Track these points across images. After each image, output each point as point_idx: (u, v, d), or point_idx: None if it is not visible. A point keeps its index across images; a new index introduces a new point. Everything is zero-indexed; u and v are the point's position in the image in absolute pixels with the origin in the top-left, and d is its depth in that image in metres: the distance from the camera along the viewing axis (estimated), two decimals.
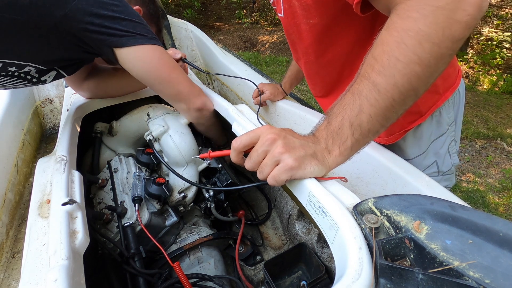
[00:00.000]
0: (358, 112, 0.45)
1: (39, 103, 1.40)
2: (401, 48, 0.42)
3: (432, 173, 0.86)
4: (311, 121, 1.00)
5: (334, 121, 0.48)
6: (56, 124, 1.43)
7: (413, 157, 0.85)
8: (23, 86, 0.77)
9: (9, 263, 0.75)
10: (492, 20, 4.62)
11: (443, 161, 0.85)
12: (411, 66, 0.42)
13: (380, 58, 0.44)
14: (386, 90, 0.44)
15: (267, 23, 5.81)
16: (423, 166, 0.85)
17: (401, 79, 0.43)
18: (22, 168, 1.00)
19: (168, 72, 0.78)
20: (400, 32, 0.42)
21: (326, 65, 0.82)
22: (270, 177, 0.47)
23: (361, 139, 0.47)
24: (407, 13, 0.42)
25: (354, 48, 0.74)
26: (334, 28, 0.71)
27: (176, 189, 0.87)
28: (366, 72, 0.45)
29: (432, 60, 0.42)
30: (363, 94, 0.45)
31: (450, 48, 0.42)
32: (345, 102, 0.47)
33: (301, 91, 3.59)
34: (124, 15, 0.69)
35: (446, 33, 0.40)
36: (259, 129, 0.49)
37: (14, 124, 1.10)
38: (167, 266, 0.77)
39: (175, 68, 0.81)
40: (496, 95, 3.67)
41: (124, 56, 0.71)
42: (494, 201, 2.17)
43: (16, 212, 0.87)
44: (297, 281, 0.74)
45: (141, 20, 0.73)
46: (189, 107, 0.85)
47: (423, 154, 0.84)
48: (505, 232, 0.35)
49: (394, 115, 0.46)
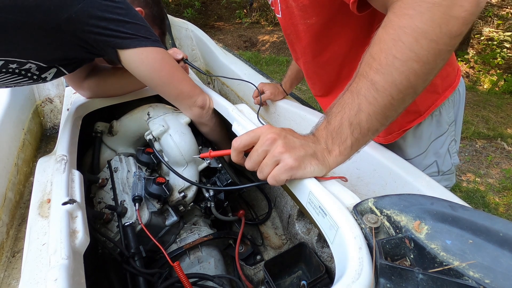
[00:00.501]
0: (357, 111, 0.45)
1: (39, 103, 1.40)
2: (398, 45, 0.42)
3: (432, 173, 0.86)
4: (311, 121, 1.00)
5: (334, 121, 0.48)
6: (56, 123, 1.43)
7: (413, 157, 0.85)
8: (23, 83, 0.78)
9: (10, 262, 0.75)
10: (492, 20, 4.62)
11: (443, 160, 0.85)
12: (409, 63, 0.42)
13: (377, 57, 0.44)
14: (384, 88, 0.43)
15: (267, 22, 5.81)
16: (423, 166, 0.85)
17: (399, 76, 0.43)
18: (22, 168, 1.00)
19: (170, 73, 0.80)
20: (396, 29, 0.42)
21: (325, 65, 0.82)
22: (270, 177, 0.47)
23: (361, 138, 0.47)
24: (403, 10, 0.42)
25: (352, 47, 0.74)
26: (332, 27, 0.71)
27: (176, 189, 0.87)
28: (364, 71, 0.45)
29: (430, 57, 0.42)
30: (362, 93, 0.45)
31: (448, 44, 0.41)
32: (344, 101, 0.47)
33: (301, 90, 3.59)
34: (128, 18, 0.70)
35: (443, 29, 0.40)
36: (260, 129, 0.49)
37: (14, 123, 1.10)
38: (167, 265, 0.77)
39: (177, 69, 0.82)
40: (496, 95, 3.67)
41: (127, 57, 0.73)
42: (494, 201, 2.17)
43: (16, 212, 0.87)
44: (297, 281, 0.74)
45: (145, 23, 0.74)
46: (190, 105, 0.87)
47: (423, 154, 0.84)
48: (505, 232, 0.35)
49: (393, 114, 0.46)
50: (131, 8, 0.73)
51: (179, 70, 0.83)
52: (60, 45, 0.69)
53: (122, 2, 0.70)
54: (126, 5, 0.71)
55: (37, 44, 0.67)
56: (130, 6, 0.73)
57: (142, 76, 0.78)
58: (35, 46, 0.67)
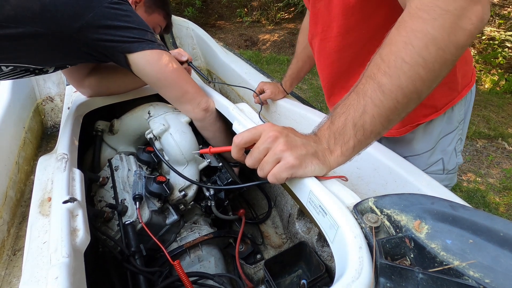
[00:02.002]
0: (362, 113, 0.45)
1: (40, 101, 1.40)
2: (408, 49, 0.42)
3: (437, 170, 0.85)
4: (312, 120, 1.00)
5: (337, 121, 0.48)
6: (57, 122, 1.44)
7: (420, 153, 0.84)
8: (25, 77, 0.80)
9: (10, 260, 0.75)
10: (494, 19, 4.60)
11: (449, 159, 0.84)
12: (416, 68, 0.42)
13: (387, 59, 0.44)
14: (390, 91, 0.44)
15: (268, 21, 5.79)
16: (429, 163, 0.84)
17: (406, 81, 0.43)
18: (23, 166, 1.00)
19: (175, 75, 0.83)
20: (408, 32, 0.43)
21: (344, 48, 0.78)
22: (271, 175, 0.47)
23: (363, 140, 0.47)
24: (418, 12, 0.43)
25: (376, 35, 0.70)
26: (367, 5, 0.68)
27: (176, 188, 0.87)
28: (372, 73, 0.46)
29: (436, 65, 0.42)
30: (368, 95, 0.45)
31: (454, 54, 0.42)
32: (349, 102, 0.47)
33: (302, 90, 3.59)
34: (135, 24, 0.75)
35: (451, 38, 0.41)
36: (261, 126, 0.49)
37: (15, 122, 1.10)
38: (167, 264, 0.77)
39: (181, 71, 0.85)
40: (497, 94, 3.66)
41: (136, 60, 0.76)
42: (494, 201, 2.17)
43: (17, 210, 0.87)
44: (297, 280, 0.74)
45: (149, 29, 0.79)
46: (194, 107, 0.88)
47: (430, 151, 0.83)
48: (505, 232, 0.35)
49: (396, 117, 0.46)
50: (137, 16, 0.77)
51: (184, 72, 0.86)
52: (69, 53, 0.73)
53: (129, 10, 0.75)
54: (133, 13, 0.76)
55: (49, 53, 0.71)
56: (136, 14, 0.77)
57: (148, 77, 0.81)
58: (47, 54, 0.72)
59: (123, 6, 0.73)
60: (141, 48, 0.75)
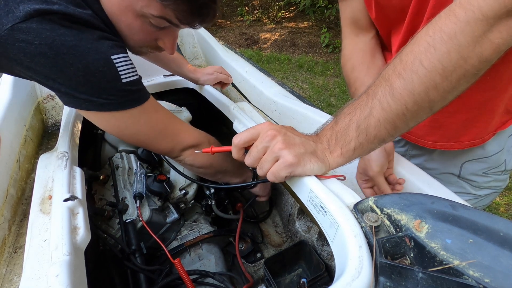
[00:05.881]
0: (368, 115, 0.44)
1: (41, 100, 1.40)
2: (429, 52, 0.40)
3: (498, 171, 0.80)
4: (313, 119, 1.00)
5: (342, 122, 0.47)
6: (58, 120, 1.43)
7: (491, 155, 0.78)
8: None
9: (11, 258, 0.75)
10: None
11: (511, 158, 0.80)
12: (433, 75, 0.40)
13: (405, 59, 0.42)
14: (401, 95, 0.42)
15: (269, 20, 5.78)
16: (497, 163, 0.79)
17: (419, 87, 0.41)
18: (24, 164, 1.00)
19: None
20: (436, 32, 0.40)
21: None
22: (270, 173, 0.47)
23: (365, 144, 0.46)
24: (457, 9, 0.39)
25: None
26: None
27: (177, 186, 0.88)
28: (387, 74, 0.43)
29: (454, 75, 0.39)
30: (377, 97, 0.43)
31: (476, 67, 0.39)
32: (358, 103, 0.46)
33: (302, 89, 3.58)
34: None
35: (476, 48, 0.38)
36: (260, 126, 0.49)
37: (16, 120, 1.11)
38: (167, 262, 0.77)
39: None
40: None
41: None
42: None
43: (18, 208, 0.87)
44: (297, 279, 0.74)
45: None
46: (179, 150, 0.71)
47: (500, 152, 0.78)
48: (505, 232, 0.35)
49: (403, 126, 0.44)
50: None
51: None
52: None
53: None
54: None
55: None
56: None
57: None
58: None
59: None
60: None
